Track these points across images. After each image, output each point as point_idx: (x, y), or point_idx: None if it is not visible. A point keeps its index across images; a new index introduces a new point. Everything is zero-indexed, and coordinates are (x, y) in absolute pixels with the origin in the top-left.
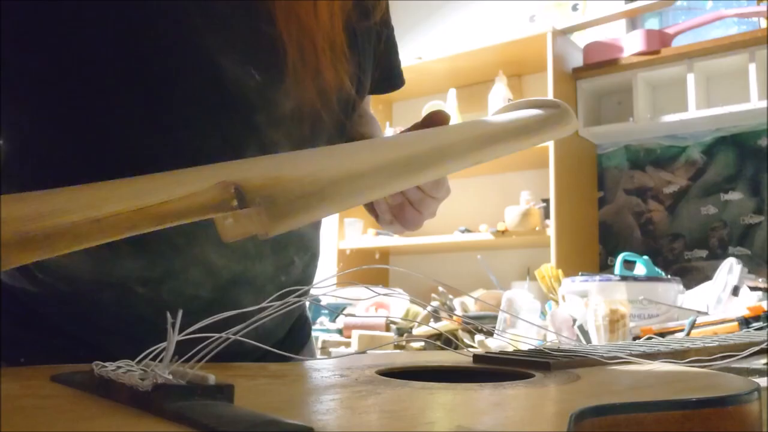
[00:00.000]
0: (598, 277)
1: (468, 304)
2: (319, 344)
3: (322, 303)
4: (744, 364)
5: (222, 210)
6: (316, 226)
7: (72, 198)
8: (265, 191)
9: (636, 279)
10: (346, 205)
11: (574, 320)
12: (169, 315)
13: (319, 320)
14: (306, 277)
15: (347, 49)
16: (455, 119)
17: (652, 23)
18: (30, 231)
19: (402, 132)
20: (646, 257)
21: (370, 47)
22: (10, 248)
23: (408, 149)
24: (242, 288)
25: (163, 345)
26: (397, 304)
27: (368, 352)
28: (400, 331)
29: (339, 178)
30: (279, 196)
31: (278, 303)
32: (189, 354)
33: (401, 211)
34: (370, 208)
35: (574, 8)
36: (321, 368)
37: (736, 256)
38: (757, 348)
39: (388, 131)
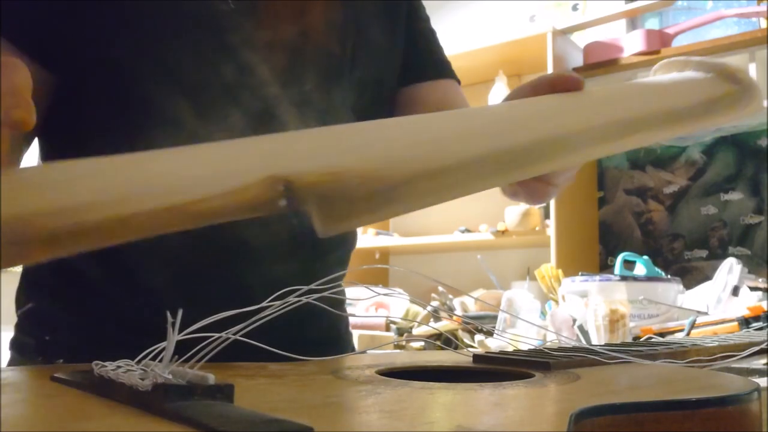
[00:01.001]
0: (598, 277)
1: (468, 304)
2: None
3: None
4: (744, 364)
5: (267, 210)
6: None
7: (100, 191)
8: (321, 188)
9: (636, 279)
10: (418, 207)
11: (574, 320)
12: (169, 315)
13: None
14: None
15: None
16: None
17: (652, 23)
18: (54, 229)
19: (521, 92)
20: (646, 257)
21: (374, 6)
22: (32, 245)
23: (513, 138)
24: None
25: (163, 344)
26: (397, 304)
27: (368, 352)
28: (400, 331)
29: (414, 175)
30: (337, 195)
31: (278, 303)
32: (190, 353)
33: (523, 184)
34: None
35: (574, 8)
36: (321, 368)
37: (736, 256)
38: (757, 348)
39: None
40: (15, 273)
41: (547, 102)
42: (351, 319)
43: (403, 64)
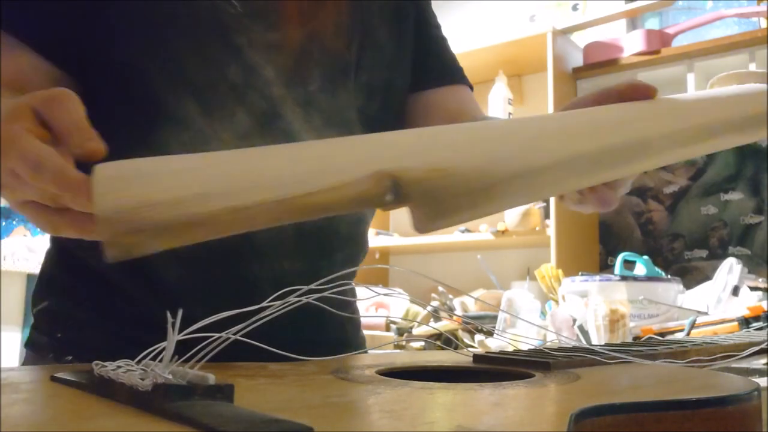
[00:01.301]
0: (598, 277)
1: (468, 304)
2: None
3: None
4: (744, 364)
5: (373, 205)
6: None
7: (212, 182)
8: (427, 185)
9: (636, 279)
10: (516, 204)
11: (574, 320)
12: (169, 315)
13: None
14: (333, 230)
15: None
16: None
17: (652, 23)
18: (166, 219)
19: (584, 101)
20: (646, 257)
21: (380, 11)
22: (146, 234)
23: (600, 140)
24: None
25: (163, 344)
26: (397, 304)
27: (368, 352)
28: (400, 331)
29: (512, 174)
30: (441, 192)
31: (278, 303)
32: (190, 353)
33: (592, 190)
34: None
35: (574, 8)
36: (321, 368)
37: (736, 256)
38: (757, 348)
39: None
40: (15, 274)
41: (630, 108)
42: None
43: (417, 69)
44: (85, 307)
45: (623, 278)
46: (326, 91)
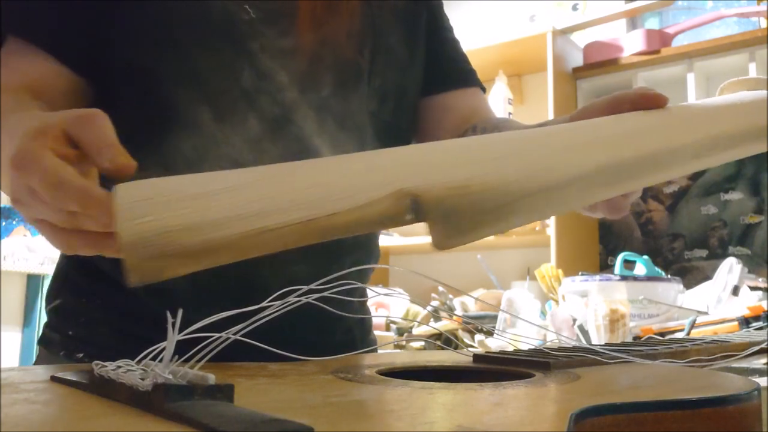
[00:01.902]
0: (598, 277)
1: (468, 304)
2: None
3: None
4: (744, 364)
5: (394, 224)
6: None
7: (237, 206)
8: (448, 203)
9: (636, 279)
10: (537, 219)
11: (574, 320)
12: (169, 315)
13: None
14: (351, 244)
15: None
16: None
17: (652, 23)
18: (191, 244)
19: (595, 109)
20: (646, 257)
21: (392, 15)
22: (169, 260)
23: (619, 153)
24: None
25: (163, 344)
26: (397, 304)
27: (377, 350)
28: (400, 331)
29: (533, 190)
30: (461, 209)
31: (278, 303)
32: (190, 353)
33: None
34: None
35: (574, 8)
36: (321, 368)
37: (736, 256)
38: (757, 348)
39: None
40: (15, 274)
41: (646, 118)
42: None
43: (430, 72)
44: (97, 305)
45: (623, 278)
46: (339, 96)
